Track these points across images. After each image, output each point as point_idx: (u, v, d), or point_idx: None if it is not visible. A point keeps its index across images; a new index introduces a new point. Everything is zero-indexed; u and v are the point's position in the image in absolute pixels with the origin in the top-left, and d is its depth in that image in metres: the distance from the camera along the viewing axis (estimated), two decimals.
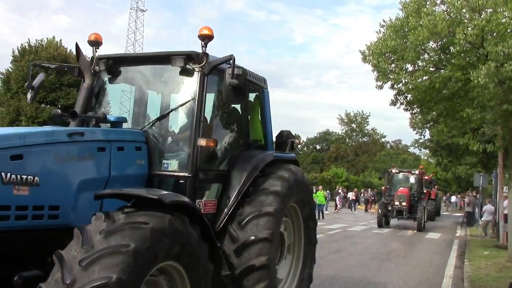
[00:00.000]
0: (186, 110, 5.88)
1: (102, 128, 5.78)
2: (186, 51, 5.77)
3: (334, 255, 14.11)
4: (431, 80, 14.66)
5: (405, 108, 18.26)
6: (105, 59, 6.19)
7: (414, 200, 25.60)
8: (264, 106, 7.27)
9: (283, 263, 6.94)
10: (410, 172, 28.83)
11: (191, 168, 5.51)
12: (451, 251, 17.03)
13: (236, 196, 5.98)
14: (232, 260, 5.66)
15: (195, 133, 5.57)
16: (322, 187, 33.79)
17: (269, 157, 6.61)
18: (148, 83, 6.41)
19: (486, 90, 12.68)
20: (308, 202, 7.18)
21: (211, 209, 5.88)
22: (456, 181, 51.71)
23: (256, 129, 7.17)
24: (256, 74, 7.09)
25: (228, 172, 6.20)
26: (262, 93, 7.30)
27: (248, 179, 6.11)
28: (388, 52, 15.47)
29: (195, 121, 5.60)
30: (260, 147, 7.00)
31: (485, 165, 36.84)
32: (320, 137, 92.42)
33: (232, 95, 5.41)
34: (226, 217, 5.89)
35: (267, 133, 7.24)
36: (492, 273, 11.62)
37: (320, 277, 10.55)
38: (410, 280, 11.01)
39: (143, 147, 5.64)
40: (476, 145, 17.09)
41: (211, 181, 6.02)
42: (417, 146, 51.57)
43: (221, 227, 5.86)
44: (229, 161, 6.34)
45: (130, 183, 5.34)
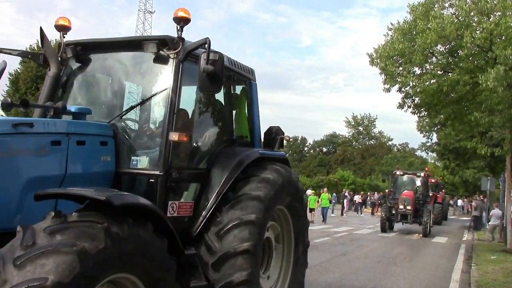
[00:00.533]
0: (159, 101, 5.35)
1: (58, 120, 5.13)
2: (160, 35, 5.28)
3: (340, 258, 14.08)
4: (439, 84, 14.65)
5: (413, 111, 18.27)
6: (73, 45, 5.66)
7: (419, 204, 24.41)
8: (251, 100, 6.73)
9: (271, 270, 6.45)
10: (415, 174, 27.27)
11: (162, 165, 4.96)
12: (458, 255, 16.94)
13: (215, 197, 5.46)
14: (209, 275, 5.16)
15: (168, 126, 5.02)
16: (327, 190, 32.86)
17: (253, 155, 6.03)
18: (120, 72, 5.81)
19: (495, 94, 12.66)
20: (298, 203, 6.60)
21: (187, 212, 5.35)
22: (463, 185, 51.43)
23: (242, 124, 6.67)
24: (243, 64, 6.58)
25: (207, 171, 5.66)
26: (249, 85, 6.74)
27: (229, 178, 5.58)
28: (396, 55, 15.48)
29: (169, 113, 5.06)
30: (246, 144, 6.49)
31: (492, 169, 36.67)
32: (327, 140, 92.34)
33: (207, 83, 4.84)
34: (204, 221, 5.38)
35: (254, 129, 6.72)
36: (499, 278, 11.55)
37: (326, 280, 10.54)
38: (416, 284, 10.97)
39: (110, 142, 5.08)
40: (484, 148, 17.02)
41: (188, 180, 5.51)
42: (424, 149, 51.51)
43: (198, 232, 5.36)
44: (209, 159, 5.79)
45: (92, 182, 4.75)
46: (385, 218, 24.15)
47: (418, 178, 26.31)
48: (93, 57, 5.73)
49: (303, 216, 6.82)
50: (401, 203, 23.59)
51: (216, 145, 6.01)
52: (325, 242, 17.76)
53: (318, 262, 12.84)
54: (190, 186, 5.54)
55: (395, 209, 24.05)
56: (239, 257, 5.13)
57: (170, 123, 5.04)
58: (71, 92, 5.87)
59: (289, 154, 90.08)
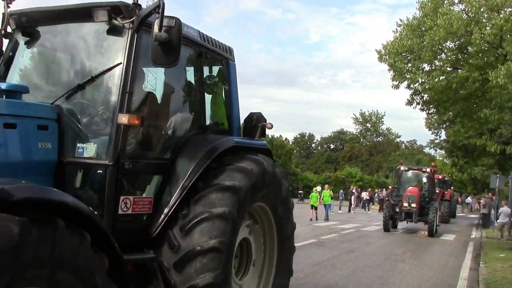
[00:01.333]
0: (111, 79, 4.61)
1: None
2: (112, 1, 4.55)
3: (347, 255, 14.06)
4: (448, 80, 14.59)
5: (421, 108, 18.21)
6: (17, 16, 4.96)
7: (425, 201, 22.79)
8: (229, 82, 6.02)
9: (249, 276, 5.70)
10: (421, 169, 25.68)
11: (112, 154, 4.27)
12: (466, 253, 16.86)
13: (179, 191, 4.76)
14: (171, 277, 4.48)
15: (119, 108, 4.33)
16: (328, 186, 31.42)
17: (227, 143, 5.31)
18: (69, 46, 5.01)
19: (505, 91, 12.58)
20: (282, 202, 5.84)
21: (145, 209, 4.64)
22: (471, 182, 51.20)
23: (217, 109, 6.00)
24: (219, 41, 5.87)
25: (171, 161, 4.96)
26: (227, 66, 6.00)
27: (196, 170, 4.87)
28: (405, 52, 15.41)
29: (121, 93, 4.36)
30: (222, 132, 5.79)
31: (501, 166, 36.50)
32: (335, 137, 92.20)
33: (160, 54, 4.16)
34: (165, 219, 4.68)
35: (233, 115, 6.01)
36: (508, 276, 11.48)
37: (334, 277, 10.53)
38: (424, 281, 10.93)
39: (51, 126, 4.34)
40: (494, 146, 16.95)
41: (146, 172, 4.86)
42: (433, 146, 51.34)
43: (158, 232, 4.66)
44: (174, 148, 5.07)
45: (26, 172, 4.02)
46: (388, 217, 22.59)
47: (424, 174, 24.66)
48: (40, 29, 4.98)
49: (288, 217, 6.08)
50: (406, 201, 22.07)
51: (183, 132, 5.29)
52: (332, 239, 17.74)
53: (326, 259, 12.83)
54: (150, 179, 4.86)
55: (399, 207, 22.48)
56: (206, 256, 4.46)
57: (122, 105, 4.34)
58: (15, 70, 5.17)
59: (297, 151, 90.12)
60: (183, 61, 5.23)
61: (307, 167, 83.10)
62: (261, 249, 5.81)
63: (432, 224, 21.60)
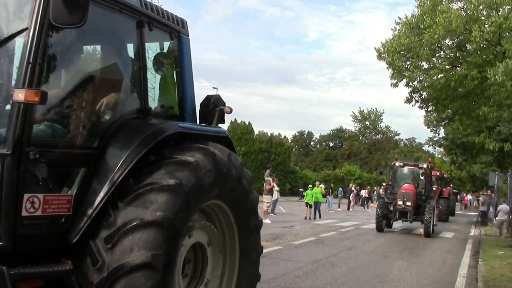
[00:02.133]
0: (13, 49, 3.93)
1: None
2: None
3: (346, 253, 14.08)
4: (447, 78, 14.61)
5: (420, 106, 18.23)
6: None
7: (421, 199, 21.43)
8: (181, 60, 5.20)
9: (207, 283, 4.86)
10: (417, 165, 23.90)
11: (11, 141, 3.44)
12: (465, 250, 16.90)
13: (106, 189, 3.89)
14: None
15: (18, 83, 3.52)
16: (319, 183, 29.80)
17: (169, 129, 4.42)
18: None
19: (503, 88, 12.60)
20: (243, 197, 4.93)
21: (62, 210, 3.76)
22: (470, 180, 51.28)
23: (167, 91, 5.24)
24: (169, 12, 5.14)
25: (100, 151, 4.09)
26: (179, 40, 5.17)
27: (128, 161, 4.00)
28: (403, 50, 15.40)
29: (24, 65, 3.53)
30: (171, 117, 4.96)
31: (500, 164, 36.57)
32: (333, 134, 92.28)
33: (63, 11, 3.41)
34: (88, 222, 3.80)
35: (185, 98, 5.19)
36: (506, 273, 11.51)
37: (333, 274, 10.55)
38: (423, 278, 10.95)
39: None
40: (492, 143, 16.99)
41: (64, 164, 3.97)
42: (432, 144, 51.47)
43: (79, 239, 3.79)
44: (104, 135, 4.18)
45: None
46: (381, 216, 20.96)
47: (420, 170, 22.95)
48: None
49: (252, 215, 5.22)
50: (400, 199, 20.56)
51: (117, 117, 4.38)
52: (331, 237, 17.76)
53: (324, 257, 12.85)
54: (69, 173, 4.00)
55: (393, 205, 21.00)
56: (136, 274, 3.59)
57: (21, 78, 3.50)
58: None
59: (296, 149, 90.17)
60: (118, 31, 4.53)
61: (306, 165, 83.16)
62: (219, 253, 4.87)
63: (428, 223, 20.18)
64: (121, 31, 4.57)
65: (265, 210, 21.30)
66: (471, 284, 10.65)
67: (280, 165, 49.29)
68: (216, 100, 5.46)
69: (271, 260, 11.80)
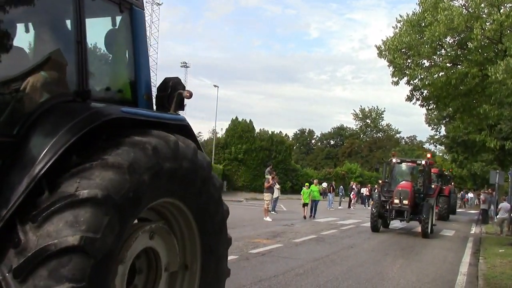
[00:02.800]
0: None
1: None
2: None
3: (347, 251, 14.09)
4: (448, 76, 14.58)
5: (421, 104, 18.20)
6: None
7: (419, 198, 20.27)
8: (134, 36, 4.48)
9: None
10: (415, 162, 22.52)
11: None
12: (466, 248, 16.89)
13: (25, 185, 3.19)
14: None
15: None
16: (318, 182, 28.74)
17: (107, 114, 3.69)
18: None
19: (504, 86, 12.57)
20: (202, 193, 4.22)
21: None
22: (471, 178, 51.26)
23: (116, 72, 4.65)
24: None
25: (20, 139, 3.42)
26: (131, 14, 4.49)
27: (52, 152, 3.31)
28: (404, 48, 15.37)
29: None
30: (119, 102, 4.22)
31: (501, 162, 36.54)
32: (334, 132, 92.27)
33: None
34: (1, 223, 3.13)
35: (138, 80, 4.49)
36: (507, 271, 11.50)
37: (334, 272, 10.55)
38: (423, 276, 10.95)
39: None
40: (493, 141, 16.96)
41: None
42: (433, 142, 51.42)
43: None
44: (26, 120, 3.50)
45: None
46: (376, 215, 19.78)
47: (419, 166, 21.85)
48: None
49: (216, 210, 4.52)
50: (397, 197, 19.35)
51: (45, 98, 3.71)
52: (332, 235, 17.76)
53: (325, 255, 12.85)
54: None
55: (389, 204, 19.83)
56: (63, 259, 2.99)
57: None
58: None
59: (297, 147, 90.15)
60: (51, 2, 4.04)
61: (307, 163, 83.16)
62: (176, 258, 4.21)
63: (426, 223, 18.96)
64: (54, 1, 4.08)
65: (266, 208, 21.31)
66: (471, 282, 10.64)
67: (281, 163, 49.28)
68: (175, 83, 4.75)
69: (272, 258, 11.81)
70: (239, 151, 47.93)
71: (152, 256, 4.09)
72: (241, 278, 9.16)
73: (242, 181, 47.61)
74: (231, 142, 48.67)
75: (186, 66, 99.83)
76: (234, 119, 50.26)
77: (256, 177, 46.28)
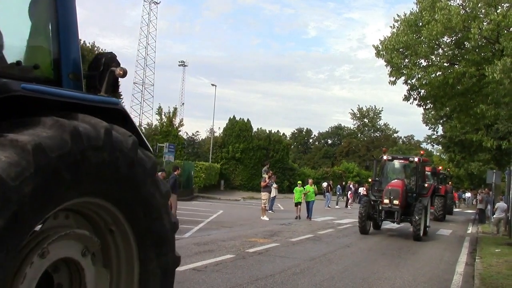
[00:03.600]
0: None
1: None
2: None
3: (344, 250, 14.10)
4: (445, 76, 14.58)
5: (418, 104, 18.20)
6: None
7: (411, 197, 18.82)
8: (59, 5, 3.70)
9: None
10: (407, 159, 20.36)
11: None
12: (462, 248, 16.94)
13: None
14: None
15: None
16: (312, 182, 26.47)
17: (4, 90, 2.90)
18: None
19: (501, 86, 12.59)
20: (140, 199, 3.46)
21: None
22: (468, 177, 51.36)
23: (34, 44, 3.83)
24: None
25: None
26: None
27: None
28: (402, 47, 15.38)
29: None
30: (39, 80, 3.37)
31: (498, 161, 36.65)
32: (332, 132, 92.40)
33: None
34: None
35: (63, 56, 3.69)
36: (503, 270, 11.53)
37: (330, 271, 10.56)
38: (420, 276, 10.97)
39: None
40: (490, 141, 16.98)
41: None
42: (430, 142, 51.48)
43: None
44: None
45: None
46: (364, 216, 18.35)
47: (411, 164, 19.94)
48: None
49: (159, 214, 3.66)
50: (386, 196, 17.90)
51: None
52: (329, 234, 17.78)
53: (322, 254, 12.87)
54: None
55: (379, 204, 18.51)
56: None
57: None
58: None
59: (294, 146, 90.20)
60: None
61: (305, 163, 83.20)
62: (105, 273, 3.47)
63: (418, 225, 17.47)
64: None
65: (263, 207, 21.31)
66: (467, 282, 10.66)
67: (279, 162, 49.29)
68: (108, 60, 3.95)
69: (269, 257, 11.82)
70: (237, 150, 47.92)
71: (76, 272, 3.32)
72: (238, 277, 9.17)
73: (240, 180, 47.60)
74: (228, 141, 48.65)
75: (184, 65, 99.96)
76: (231, 118, 50.23)
77: (254, 176, 46.30)
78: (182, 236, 14.42)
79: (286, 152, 52.75)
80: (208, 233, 15.64)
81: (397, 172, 20.60)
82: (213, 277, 9.07)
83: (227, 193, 41.82)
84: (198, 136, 72.80)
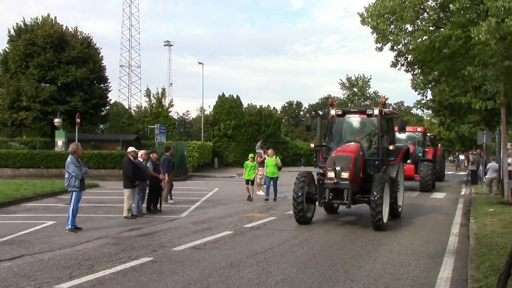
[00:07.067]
0: None
1: None
2: None
3: (340, 220, 14.25)
4: (431, 40, 14.51)
5: (406, 69, 18.10)
6: None
7: (372, 167, 13.70)
8: None
9: None
10: (364, 112, 14.24)
11: None
12: (457, 209, 17.17)
13: None
14: None
15: None
16: (273, 152, 19.87)
17: None
18: None
19: (488, 47, 12.55)
20: None
21: None
22: (459, 140, 51.71)
23: None
24: None
25: None
26: None
27: None
28: (387, 13, 15.25)
29: None
30: None
31: (488, 122, 36.87)
32: (322, 103, 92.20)
33: None
34: None
35: None
36: (497, 229, 11.73)
37: (328, 241, 10.70)
38: (416, 239, 11.14)
39: None
40: (479, 103, 17.04)
41: None
42: (420, 107, 51.46)
43: None
44: None
45: None
46: (301, 199, 12.77)
47: (371, 119, 14.14)
48: None
49: None
50: (331, 168, 12.49)
51: None
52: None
53: (319, 225, 12.99)
54: None
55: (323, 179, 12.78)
56: None
57: None
58: None
59: (285, 120, 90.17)
60: None
61: (297, 135, 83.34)
62: None
63: (377, 208, 11.95)
64: None
65: (258, 182, 21.40)
66: (463, 242, 10.85)
67: (271, 137, 49.28)
68: None
69: (266, 231, 11.93)
70: (228, 127, 47.82)
71: None
72: (237, 253, 9.27)
73: (233, 157, 47.64)
74: (219, 119, 48.51)
75: (169, 44, 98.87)
76: (221, 95, 49.98)
77: (247, 152, 46.16)
78: (179, 216, 14.50)
79: (278, 126, 52.72)
80: (205, 211, 15.73)
81: (352, 132, 14.88)
82: (212, 254, 9.16)
83: (221, 170, 41.92)
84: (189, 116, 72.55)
